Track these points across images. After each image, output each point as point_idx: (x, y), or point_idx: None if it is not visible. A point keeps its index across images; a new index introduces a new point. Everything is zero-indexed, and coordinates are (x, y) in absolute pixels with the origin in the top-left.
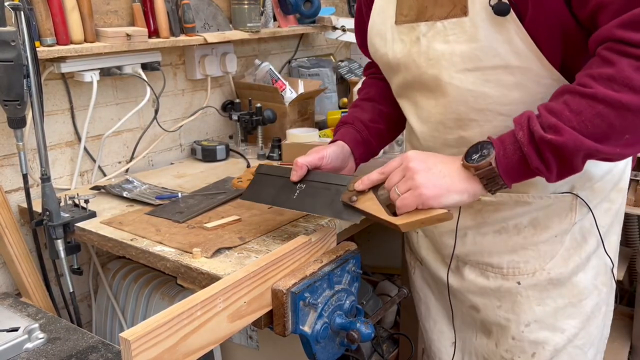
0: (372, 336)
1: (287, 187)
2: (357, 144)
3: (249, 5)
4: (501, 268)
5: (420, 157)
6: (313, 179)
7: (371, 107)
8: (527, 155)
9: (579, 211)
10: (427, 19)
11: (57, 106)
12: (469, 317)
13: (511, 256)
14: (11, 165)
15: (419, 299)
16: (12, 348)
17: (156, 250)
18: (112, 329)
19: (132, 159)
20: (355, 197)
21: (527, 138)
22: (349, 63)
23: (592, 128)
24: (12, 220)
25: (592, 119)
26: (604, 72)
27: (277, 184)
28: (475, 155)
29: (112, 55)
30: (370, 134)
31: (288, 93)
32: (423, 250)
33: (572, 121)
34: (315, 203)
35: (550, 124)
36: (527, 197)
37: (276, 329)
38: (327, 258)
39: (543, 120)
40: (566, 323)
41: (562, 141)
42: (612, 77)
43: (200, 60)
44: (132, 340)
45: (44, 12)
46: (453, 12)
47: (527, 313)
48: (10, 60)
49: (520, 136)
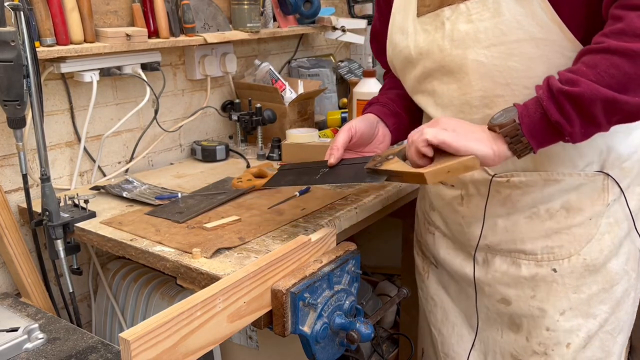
0: (371, 336)
1: (310, 172)
2: (386, 115)
3: (249, 5)
4: (535, 254)
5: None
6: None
7: (395, 92)
8: (546, 109)
9: (611, 192)
10: (451, 3)
11: (57, 106)
12: (495, 314)
13: (545, 241)
14: (11, 165)
15: (434, 305)
16: (12, 348)
17: (156, 250)
18: (111, 329)
19: (132, 159)
20: (380, 164)
21: (546, 94)
22: (349, 63)
23: (608, 78)
24: (11, 220)
25: (607, 69)
26: (615, 28)
27: (299, 172)
28: (499, 118)
29: (112, 55)
30: (399, 107)
31: (288, 93)
32: (442, 250)
33: (589, 74)
34: (338, 177)
35: (567, 78)
36: (556, 174)
37: (276, 329)
38: (326, 258)
39: (561, 77)
40: (598, 308)
41: (579, 91)
42: (622, 30)
43: (200, 60)
44: (131, 341)
45: (44, 12)
46: None
47: (562, 301)
48: (10, 61)
49: (540, 93)
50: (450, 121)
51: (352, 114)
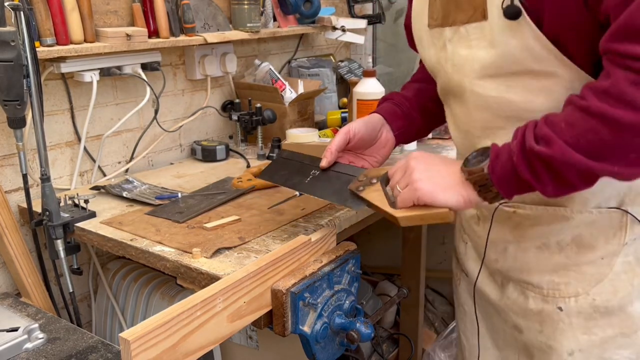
0: (371, 336)
1: (302, 171)
2: (395, 117)
3: (249, 5)
4: (541, 288)
5: (423, 156)
6: (332, 167)
7: (417, 86)
8: (516, 165)
9: (630, 230)
10: (451, 24)
11: (57, 106)
12: (512, 338)
13: (552, 276)
14: (11, 165)
15: (463, 313)
16: (12, 348)
17: (156, 250)
18: (112, 329)
19: (132, 159)
20: (363, 187)
21: (518, 147)
22: (349, 63)
23: (585, 143)
24: (12, 220)
25: (585, 133)
26: (600, 85)
27: (294, 167)
28: (473, 160)
29: (112, 55)
30: (412, 108)
31: (288, 93)
32: (470, 261)
33: (565, 134)
34: (324, 189)
35: (543, 134)
36: (565, 211)
37: (276, 329)
38: (327, 258)
39: (537, 131)
40: (617, 353)
41: (550, 154)
42: (607, 90)
43: (200, 60)
44: (131, 340)
45: (44, 12)
46: (474, 16)
47: (570, 341)
48: (10, 60)
49: (514, 145)
50: (420, 165)
51: (352, 114)
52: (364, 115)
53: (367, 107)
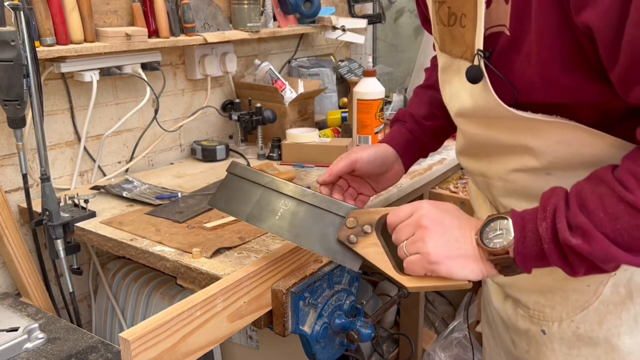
0: (371, 336)
1: (267, 202)
2: (408, 147)
3: (249, 5)
4: (528, 308)
5: (435, 214)
6: (303, 198)
7: (430, 98)
8: (547, 253)
9: None
10: (447, 52)
11: (57, 106)
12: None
13: (538, 297)
14: (11, 165)
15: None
16: (12, 348)
17: (156, 250)
18: (111, 329)
19: (132, 159)
20: (355, 238)
21: (550, 234)
22: (349, 63)
23: (629, 240)
24: (12, 220)
25: (630, 230)
26: None
27: (254, 195)
28: (492, 234)
29: (112, 55)
30: (424, 132)
31: (288, 93)
32: None
33: (606, 227)
34: (303, 233)
35: (578, 224)
36: None
37: (276, 329)
38: (326, 258)
39: (571, 216)
40: None
41: (590, 251)
42: None
43: (200, 60)
44: (131, 340)
45: (44, 12)
46: (465, 54)
47: None
48: (10, 60)
49: (543, 229)
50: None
51: (352, 114)
52: (363, 115)
53: (367, 106)
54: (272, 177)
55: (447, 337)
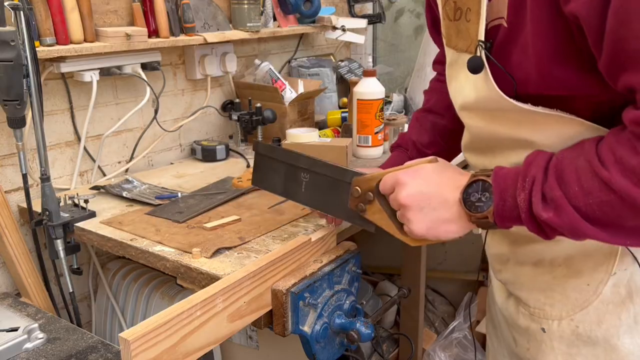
0: (371, 336)
1: (292, 175)
2: None
3: (249, 5)
4: (528, 306)
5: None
6: (315, 169)
7: (431, 124)
8: (524, 221)
9: (620, 260)
10: (453, 47)
11: (57, 106)
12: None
13: (539, 295)
14: (11, 165)
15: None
16: (12, 348)
17: (156, 250)
18: (111, 329)
19: (132, 158)
20: (364, 206)
21: (526, 205)
22: (349, 63)
23: (601, 215)
24: (11, 220)
25: (601, 205)
26: (627, 159)
27: (281, 170)
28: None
29: (112, 55)
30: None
31: (288, 93)
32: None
33: (579, 200)
34: (326, 201)
35: (553, 196)
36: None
37: (276, 329)
38: (327, 258)
39: (547, 189)
40: None
41: (560, 224)
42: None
43: (200, 60)
44: (131, 340)
45: (44, 12)
46: (470, 47)
47: None
48: (10, 60)
49: (521, 199)
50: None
51: (352, 114)
52: (363, 115)
53: (367, 106)
54: (288, 151)
55: (447, 337)
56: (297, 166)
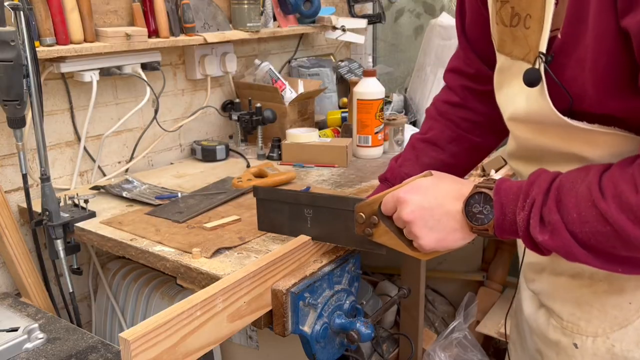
0: (371, 336)
1: (296, 213)
2: None
3: (249, 5)
4: (561, 319)
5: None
6: (316, 203)
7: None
8: (522, 238)
9: None
10: (507, 54)
11: (57, 106)
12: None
13: (574, 308)
14: (11, 165)
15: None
16: (12, 348)
17: (156, 250)
18: (111, 329)
19: (132, 159)
20: (370, 230)
21: (524, 225)
22: (349, 63)
23: (595, 243)
24: (11, 220)
25: (596, 234)
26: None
27: (284, 210)
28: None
29: (112, 55)
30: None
31: (288, 93)
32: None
33: (576, 227)
34: (333, 232)
35: (551, 220)
36: None
37: (276, 329)
38: (327, 258)
39: (546, 212)
40: None
41: (555, 247)
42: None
43: (200, 60)
44: (131, 340)
45: (44, 12)
46: (528, 56)
47: None
48: (10, 60)
49: (520, 219)
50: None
51: (352, 114)
52: (363, 115)
53: (367, 106)
54: (287, 191)
55: (447, 337)
56: (298, 203)
